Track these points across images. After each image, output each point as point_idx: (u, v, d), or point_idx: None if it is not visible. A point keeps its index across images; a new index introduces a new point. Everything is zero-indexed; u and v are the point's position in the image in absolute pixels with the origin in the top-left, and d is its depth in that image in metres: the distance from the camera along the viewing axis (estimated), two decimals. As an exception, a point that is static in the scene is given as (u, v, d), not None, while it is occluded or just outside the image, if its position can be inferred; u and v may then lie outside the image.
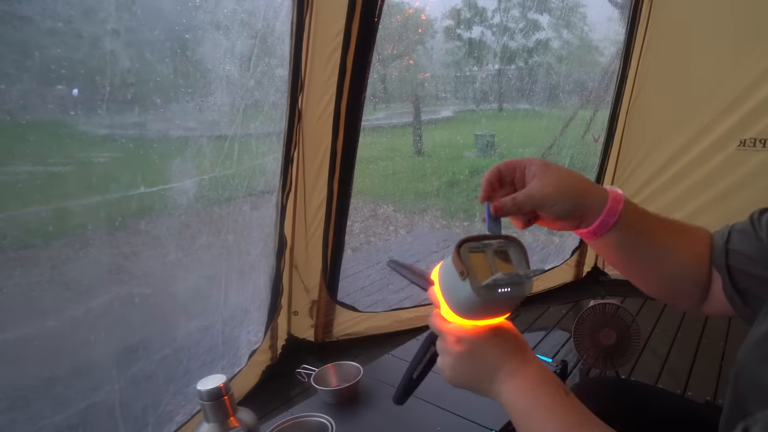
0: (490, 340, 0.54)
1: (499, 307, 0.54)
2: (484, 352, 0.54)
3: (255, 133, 1.69)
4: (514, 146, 6.78)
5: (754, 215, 0.59)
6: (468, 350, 0.54)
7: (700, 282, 0.62)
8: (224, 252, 1.76)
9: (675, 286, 0.63)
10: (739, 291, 0.58)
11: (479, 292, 0.50)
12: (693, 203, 2.42)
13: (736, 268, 0.58)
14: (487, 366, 0.54)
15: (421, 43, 9.52)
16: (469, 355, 0.54)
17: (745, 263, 0.57)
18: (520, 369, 0.53)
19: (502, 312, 0.56)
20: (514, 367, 0.53)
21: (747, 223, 0.59)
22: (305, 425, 0.84)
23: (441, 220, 5.15)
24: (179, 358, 1.58)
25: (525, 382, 0.52)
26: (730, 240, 0.59)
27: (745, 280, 0.57)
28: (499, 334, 0.55)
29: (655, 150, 2.50)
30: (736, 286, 0.58)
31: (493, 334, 0.55)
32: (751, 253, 0.57)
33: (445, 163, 7.11)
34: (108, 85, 1.18)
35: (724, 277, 0.59)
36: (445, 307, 0.56)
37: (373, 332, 2.24)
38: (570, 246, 2.78)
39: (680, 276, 0.62)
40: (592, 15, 4.57)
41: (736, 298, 0.58)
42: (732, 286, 0.58)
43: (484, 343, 0.54)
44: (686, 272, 0.62)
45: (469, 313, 0.54)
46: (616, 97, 2.49)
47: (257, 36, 1.57)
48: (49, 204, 1.31)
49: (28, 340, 1.20)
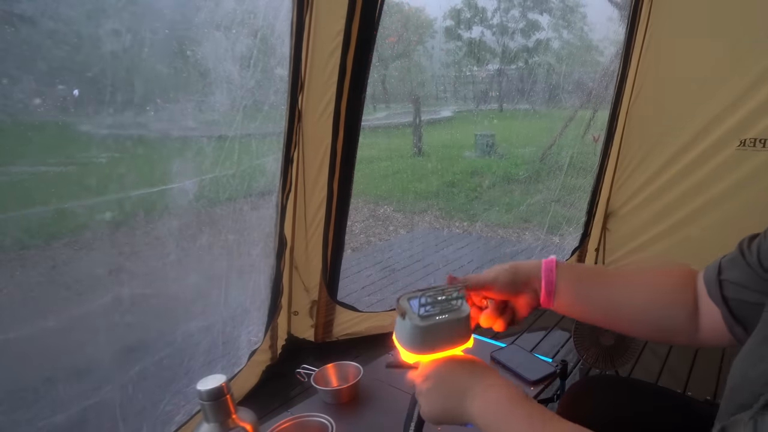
0: (451, 367, 0.60)
1: (445, 336, 0.61)
2: (448, 380, 0.59)
3: (255, 133, 1.69)
4: (514, 146, 6.77)
5: (743, 243, 0.60)
6: (434, 383, 0.59)
7: (685, 316, 0.64)
8: (224, 252, 1.76)
9: (659, 325, 0.66)
10: (738, 320, 0.58)
11: (417, 321, 0.59)
12: (693, 203, 2.42)
13: (731, 298, 0.59)
14: (455, 391, 0.58)
15: (421, 43, 9.52)
16: (436, 387, 0.59)
17: (739, 292, 0.58)
18: (489, 387, 0.56)
19: (453, 340, 0.62)
20: (483, 387, 0.57)
21: (736, 252, 0.61)
22: (305, 425, 0.84)
23: (441, 220, 5.15)
24: (179, 358, 1.58)
25: (496, 396, 0.55)
26: (721, 271, 0.61)
27: (742, 308, 0.58)
28: (460, 361, 0.61)
29: (655, 150, 2.50)
30: (735, 315, 0.59)
31: (453, 362, 0.60)
32: (742, 281, 0.58)
33: (445, 163, 7.11)
34: (108, 85, 1.18)
35: (722, 309, 0.60)
36: (402, 351, 0.63)
37: (373, 332, 2.24)
38: (570, 246, 2.78)
39: (661, 315, 0.65)
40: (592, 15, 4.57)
41: (736, 328, 0.59)
42: (731, 316, 0.59)
43: (447, 371, 0.60)
44: (665, 310, 0.65)
45: (420, 346, 0.61)
46: (616, 97, 2.49)
47: (257, 36, 1.57)
48: (50, 204, 1.31)
49: (28, 340, 1.20)
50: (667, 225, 2.52)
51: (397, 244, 4.37)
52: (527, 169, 5.64)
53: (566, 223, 2.93)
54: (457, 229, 4.81)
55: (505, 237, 4.48)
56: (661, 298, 0.65)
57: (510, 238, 4.43)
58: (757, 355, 0.46)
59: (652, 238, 2.59)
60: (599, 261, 2.81)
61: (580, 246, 2.72)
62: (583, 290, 0.67)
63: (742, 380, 0.46)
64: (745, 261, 0.58)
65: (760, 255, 0.57)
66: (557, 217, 3.08)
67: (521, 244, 4.06)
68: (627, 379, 0.96)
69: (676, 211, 2.47)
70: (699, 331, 0.64)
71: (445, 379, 0.59)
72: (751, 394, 0.42)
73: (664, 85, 2.41)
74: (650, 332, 0.68)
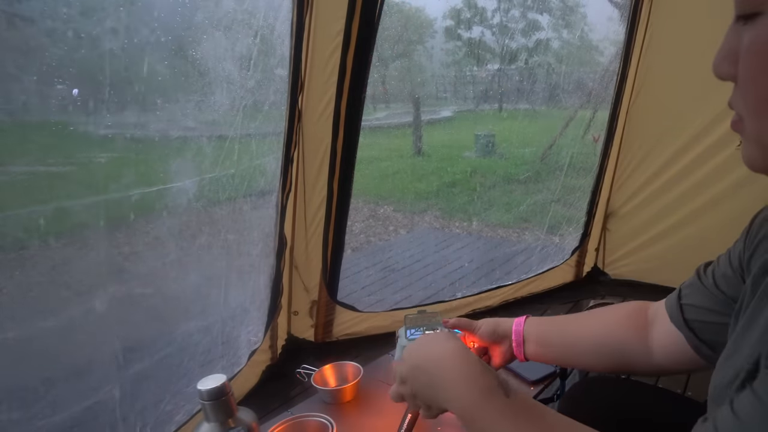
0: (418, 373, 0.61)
1: None
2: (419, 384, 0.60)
3: (255, 133, 1.69)
4: (514, 146, 6.76)
5: (700, 269, 0.66)
6: (410, 386, 0.62)
7: (639, 344, 0.70)
8: (224, 252, 1.76)
9: (615, 357, 0.72)
10: (702, 340, 0.62)
11: (405, 343, 0.77)
12: (693, 203, 2.42)
13: (693, 320, 0.63)
14: (431, 396, 0.59)
15: (421, 42, 9.51)
16: (413, 387, 0.61)
17: (700, 314, 0.63)
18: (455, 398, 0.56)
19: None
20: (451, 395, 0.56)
21: (693, 278, 0.66)
22: (305, 425, 0.84)
23: (441, 220, 5.15)
24: (179, 358, 1.58)
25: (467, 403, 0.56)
26: (681, 296, 0.66)
27: (705, 329, 0.62)
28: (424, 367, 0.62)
29: (655, 150, 2.50)
30: (699, 336, 0.63)
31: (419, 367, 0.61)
32: (702, 304, 0.63)
33: (445, 163, 7.10)
34: (108, 84, 1.18)
35: (685, 331, 0.64)
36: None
37: (373, 332, 2.24)
38: (570, 246, 2.78)
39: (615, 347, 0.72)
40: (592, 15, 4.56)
41: (702, 348, 0.63)
42: (695, 337, 0.63)
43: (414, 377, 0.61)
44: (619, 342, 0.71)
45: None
46: (616, 97, 2.48)
47: (257, 36, 1.57)
48: (49, 204, 1.31)
49: (28, 339, 1.20)
50: (667, 225, 2.52)
51: (397, 244, 4.37)
52: (527, 169, 5.64)
53: (566, 223, 2.92)
54: (457, 229, 4.81)
55: (505, 237, 4.48)
56: (613, 331, 0.73)
57: (510, 238, 4.42)
58: (727, 365, 0.48)
59: (652, 238, 2.59)
60: (599, 261, 2.82)
61: (580, 246, 2.72)
62: (544, 337, 0.77)
63: (715, 388, 0.49)
64: (702, 285, 0.63)
65: (715, 279, 0.62)
66: (557, 217, 3.08)
67: (521, 244, 4.05)
68: (627, 379, 0.96)
69: (676, 211, 2.47)
70: (654, 358, 0.69)
71: (412, 379, 0.61)
72: (725, 395, 0.43)
73: (664, 85, 2.41)
74: (609, 364, 0.74)
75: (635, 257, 2.68)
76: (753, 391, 0.36)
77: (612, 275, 2.79)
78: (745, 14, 0.38)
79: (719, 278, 0.62)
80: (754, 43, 0.37)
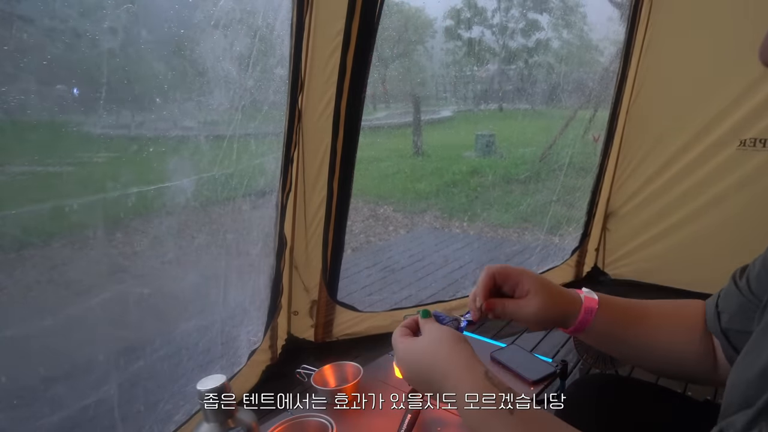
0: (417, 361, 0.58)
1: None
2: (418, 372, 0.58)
3: (254, 133, 1.69)
4: (514, 146, 6.77)
5: (736, 273, 0.62)
6: (409, 375, 0.59)
7: (704, 353, 0.64)
8: (223, 252, 1.76)
9: (678, 364, 0.66)
10: (737, 350, 0.58)
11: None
12: (693, 203, 2.42)
13: (730, 329, 0.60)
14: (430, 381, 0.56)
15: (421, 42, 9.52)
16: (412, 378, 0.59)
17: (736, 322, 0.59)
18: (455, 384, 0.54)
19: None
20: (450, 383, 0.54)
21: (730, 283, 0.62)
22: (305, 425, 0.84)
23: (441, 220, 5.15)
24: (178, 358, 1.58)
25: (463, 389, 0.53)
26: (719, 303, 0.62)
27: (741, 338, 0.58)
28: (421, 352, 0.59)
29: (655, 150, 2.50)
30: (735, 346, 0.59)
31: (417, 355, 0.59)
32: (737, 310, 0.59)
33: (445, 163, 7.10)
34: (107, 84, 1.18)
35: (722, 340, 0.60)
36: (399, 371, 0.72)
37: (373, 332, 2.23)
38: (570, 246, 2.78)
39: (680, 355, 0.65)
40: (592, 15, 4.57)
41: (736, 358, 0.58)
42: (731, 347, 0.59)
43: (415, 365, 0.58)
44: (683, 350, 0.65)
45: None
46: (616, 97, 2.48)
47: (256, 35, 1.57)
48: (49, 203, 1.30)
49: (27, 339, 1.20)
50: (667, 225, 2.52)
51: (396, 244, 4.37)
52: (527, 169, 5.64)
53: (566, 223, 2.92)
54: (457, 229, 4.81)
55: (505, 237, 4.48)
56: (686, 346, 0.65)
57: (510, 238, 4.42)
58: (751, 357, 0.46)
59: (652, 238, 2.59)
60: (599, 261, 2.81)
61: (580, 246, 2.72)
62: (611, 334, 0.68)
63: (738, 382, 0.46)
64: (738, 290, 0.60)
65: (749, 281, 0.58)
66: (557, 217, 3.08)
67: (521, 244, 4.06)
68: (627, 378, 0.95)
69: (676, 211, 2.47)
70: (719, 369, 0.64)
71: (413, 376, 0.59)
72: (747, 396, 0.42)
73: (664, 85, 2.41)
74: (670, 372, 0.69)
75: (635, 257, 2.68)
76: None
77: (612, 275, 2.78)
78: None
79: (753, 280, 0.58)
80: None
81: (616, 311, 0.68)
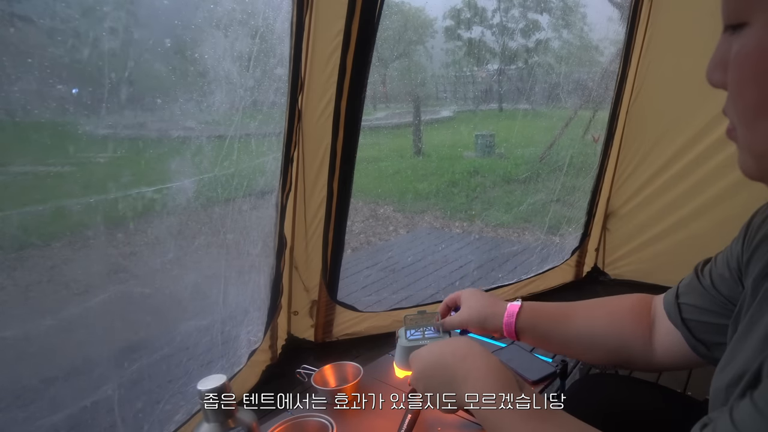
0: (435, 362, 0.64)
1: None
2: (434, 375, 0.63)
3: (254, 133, 1.69)
4: (514, 146, 6.77)
5: (698, 267, 0.65)
6: (423, 382, 0.64)
7: (641, 342, 0.69)
8: (224, 252, 1.76)
9: (616, 352, 0.72)
10: (699, 340, 0.62)
11: (405, 343, 0.83)
12: (693, 203, 2.42)
13: (690, 319, 0.63)
14: (444, 383, 0.61)
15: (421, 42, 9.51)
16: (426, 385, 0.64)
17: (697, 314, 0.63)
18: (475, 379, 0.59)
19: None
20: (471, 379, 0.59)
21: (692, 276, 0.66)
22: (305, 425, 0.84)
23: (441, 220, 5.15)
24: (178, 358, 1.58)
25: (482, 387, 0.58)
26: (679, 295, 0.66)
27: (702, 328, 0.62)
28: (440, 352, 0.65)
29: (655, 150, 2.50)
30: (696, 336, 0.62)
31: (436, 355, 0.65)
32: (699, 303, 0.62)
33: (445, 163, 7.10)
34: (108, 84, 1.18)
35: (683, 330, 0.64)
36: (398, 371, 0.86)
37: (373, 332, 2.23)
38: (570, 246, 2.78)
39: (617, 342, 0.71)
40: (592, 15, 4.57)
41: (699, 347, 0.62)
42: (692, 336, 0.63)
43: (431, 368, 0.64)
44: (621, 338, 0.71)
45: (403, 363, 0.80)
46: (616, 97, 2.48)
47: (257, 35, 1.57)
48: (49, 204, 1.31)
49: (26, 339, 1.20)
50: (667, 225, 2.52)
51: (397, 244, 4.37)
52: (527, 169, 5.63)
53: (566, 223, 2.93)
54: (457, 229, 4.81)
55: (505, 237, 4.48)
56: (616, 328, 0.72)
57: (510, 238, 4.42)
58: (730, 366, 0.48)
59: (652, 238, 2.59)
60: (599, 261, 2.81)
61: (580, 246, 2.72)
62: (541, 331, 0.77)
63: (714, 392, 0.49)
64: (701, 285, 0.63)
65: (713, 280, 0.61)
66: (557, 217, 3.08)
67: (521, 244, 4.05)
68: (627, 378, 0.95)
69: (676, 211, 2.47)
70: (655, 355, 0.69)
71: (430, 376, 0.63)
72: (726, 401, 0.44)
73: (664, 85, 2.41)
74: (610, 359, 0.76)
75: (635, 257, 2.68)
76: (753, 401, 0.35)
77: (612, 275, 2.78)
78: (732, 24, 0.38)
79: (716, 279, 0.61)
80: (740, 53, 0.38)
81: (540, 313, 0.78)
